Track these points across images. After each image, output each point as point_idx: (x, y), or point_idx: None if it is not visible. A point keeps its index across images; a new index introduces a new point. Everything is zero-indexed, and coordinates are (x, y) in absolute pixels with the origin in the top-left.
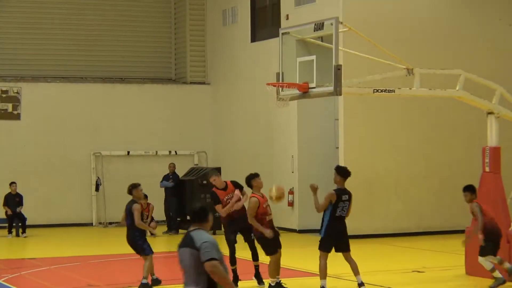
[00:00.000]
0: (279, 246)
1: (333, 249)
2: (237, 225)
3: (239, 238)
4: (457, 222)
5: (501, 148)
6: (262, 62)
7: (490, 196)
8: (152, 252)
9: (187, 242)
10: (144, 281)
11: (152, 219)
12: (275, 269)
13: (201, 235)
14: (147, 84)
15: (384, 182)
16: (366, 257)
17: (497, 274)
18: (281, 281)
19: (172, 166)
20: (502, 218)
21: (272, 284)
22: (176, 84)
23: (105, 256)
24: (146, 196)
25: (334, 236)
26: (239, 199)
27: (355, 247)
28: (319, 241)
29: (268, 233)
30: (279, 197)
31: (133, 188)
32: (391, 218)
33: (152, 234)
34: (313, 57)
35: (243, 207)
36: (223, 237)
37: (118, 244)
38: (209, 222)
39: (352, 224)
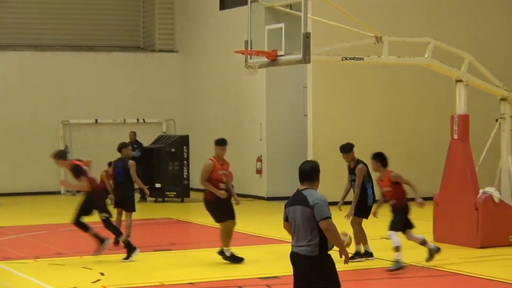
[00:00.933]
0: (230, 216)
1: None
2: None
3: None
4: (426, 189)
5: (469, 116)
6: (231, 30)
7: (458, 164)
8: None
9: (300, 200)
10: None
11: None
12: (224, 237)
13: (313, 194)
14: (115, 52)
15: None
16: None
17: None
18: (225, 250)
19: (133, 135)
20: (471, 186)
21: (223, 252)
22: (144, 52)
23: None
24: (111, 164)
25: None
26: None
27: None
28: (362, 209)
29: (221, 193)
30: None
31: (123, 147)
32: None
33: (145, 195)
34: (282, 25)
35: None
36: None
37: None
38: (318, 182)
39: (322, 192)
